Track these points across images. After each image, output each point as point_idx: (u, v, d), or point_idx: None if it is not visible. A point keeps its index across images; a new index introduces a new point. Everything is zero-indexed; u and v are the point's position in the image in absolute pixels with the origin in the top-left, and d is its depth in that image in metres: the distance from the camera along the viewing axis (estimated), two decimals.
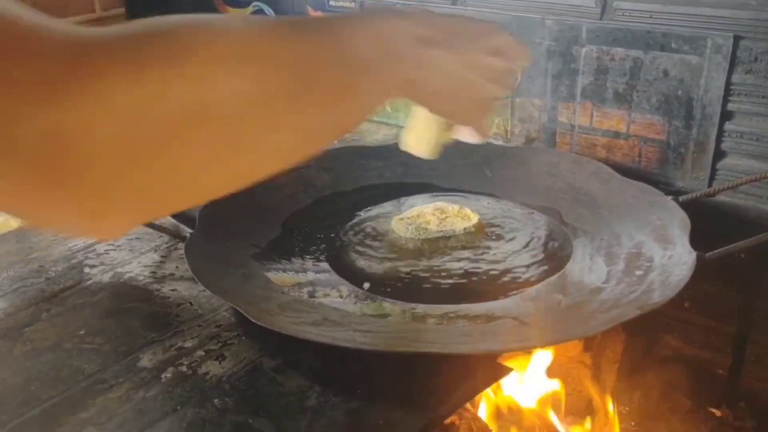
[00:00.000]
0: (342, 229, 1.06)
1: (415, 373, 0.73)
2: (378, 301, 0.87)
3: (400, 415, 0.69)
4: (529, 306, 0.85)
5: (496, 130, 1.33)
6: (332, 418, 0.69)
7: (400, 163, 1.22)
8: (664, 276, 0.83)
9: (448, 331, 0.80)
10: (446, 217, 1.06)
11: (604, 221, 1.01)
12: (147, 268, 0.97)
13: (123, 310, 0.88)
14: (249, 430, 0.68)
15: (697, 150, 1.09)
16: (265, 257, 0.96)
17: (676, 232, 0.91)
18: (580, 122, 1.20)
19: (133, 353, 0.79)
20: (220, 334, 0.83)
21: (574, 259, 0.95)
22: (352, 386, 0.73)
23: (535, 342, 0.79)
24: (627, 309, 0.77)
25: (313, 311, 0.84)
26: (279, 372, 0.76)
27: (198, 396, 0.72)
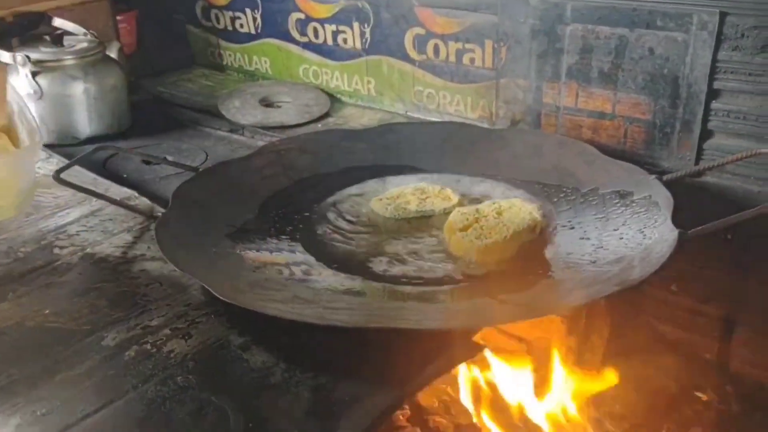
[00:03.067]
0: (320, 209, 1.04)
1: (385, 350, 0.71)
2: (351, 279, 0.84)
3: (368, 391, 0.67)
4: (508, 284, 0.83)
5: (481, 112, 1.30)
6: (297, 395, 0.67)
7: (383, 145, 1.20)
8: (645, 253, 0.81)
9: (420, 309, 0.78)
10: (427, 197, 1.03)
11: (588, 200, 0.99)
12: (118, 249, 0.95)
13: (90, 289, 0.86)
14: (211, 406, 0.66)
15: (684, 129, 1.07)
16: (239, 237, 0.94)
17: (659, 211, 0.89)
18: (565, 103, 1.18)
19: (97, 332, 0.77)
20: (188, 313, 0.80)
21: (556, 238, 0.92)
22: (320, 363, 0.71)
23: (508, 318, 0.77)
24: (606, 285, 0.74)
25: (284, 289, 0.82)
26: (245, 350, 0.73)
27: (161, 374, 0.70)
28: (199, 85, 1.65)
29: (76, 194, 1.07)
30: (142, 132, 1.41)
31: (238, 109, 1.43)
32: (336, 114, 1.45)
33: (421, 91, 1.37)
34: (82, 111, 1.33)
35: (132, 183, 1.17)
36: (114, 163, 1.28)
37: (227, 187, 1.04)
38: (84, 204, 1.06)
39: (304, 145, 1.18)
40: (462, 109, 1.33)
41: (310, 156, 1.15)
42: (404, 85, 1.40)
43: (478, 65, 1.27)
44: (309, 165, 1.14)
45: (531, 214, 0.93)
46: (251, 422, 0.63)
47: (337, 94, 1.52)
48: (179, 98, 1.57)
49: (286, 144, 1.18)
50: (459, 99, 1.33)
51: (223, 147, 1.35)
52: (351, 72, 1.47)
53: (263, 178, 1.09)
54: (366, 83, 1.46)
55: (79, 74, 1.32)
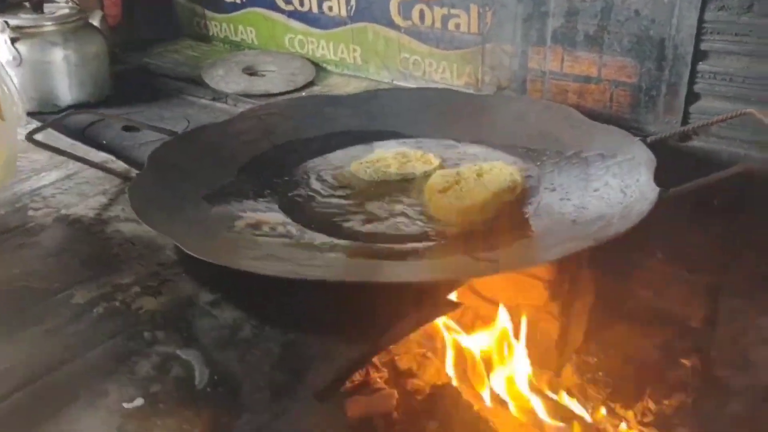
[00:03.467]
0: (300, 173, 1.03)
1: (356, 307, 0.70)
2: (328, 239, 0.83)
3: (337, 346, 0.66)
4: (485, 243, 0.81)
5: (467, 79, 1.29)
6: (266, 349, 0.66)
7: (366, 111, 1.18)
8: (625, 211, 0.79)
9: (394, 266, 0.76)
10: (408, 161, 1.02)
11: (571, 163, 0.98)
12: (93, 211, 0.93)
13: (62, 250, 0.85)
14: (176, 360, 0.64)
15: (670, 92, 1.05)
16: (215, 199, 0.93)
17: (641, 171, 0.87)
18: (551, 68, 1.16)
19: (67, 290, 0.76)
20: (160, 272, 0.79)
21: (537, 199, 0.91)
22: (291, 320, 0.70)
23: (478, 273, 0.76)
24: (581, 242, 0.73)
25: (258, 248, 0.80)
26: (215, 306, 0.72)
27: (128, 330, 0.69)
28: (184, 55, 1.63)
29: (53, 158, 1.05)
30: (124, 101, 1.39)
31: (222, 77, 1.41)
32: (321, 83, 1.44)
33: (407, 58, 1.36)
34: (63, 78, 1.31)
35: (111, 149, 1.15)
36: (94, 130, 1.26)
37: (206, 151, 1.03)
38: (60, 168, 1.04)
39: (286, 110, 1.16)
40: (448, 76, 1.31)
41: (292, 121, 1.14)
42: (390, 53, 1.38)
43: (464, 30, 1.25)
44: (290, 130, 1.12)
45: (511, 175, 0.92)
46: (216, 375, 0.62)
47: (323, 63, 1.50)
48: (164, 69, 1.55)
49: (267, 109, 1.17)
50: (445, 66, 1.31)
51: (206, 115, 1.33)
52: (337, 40, 1.45)
53: (243, 143, 1.07)
54: (351, 51, 1.44)
55: (58, 41, 1.30)
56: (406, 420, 0.97)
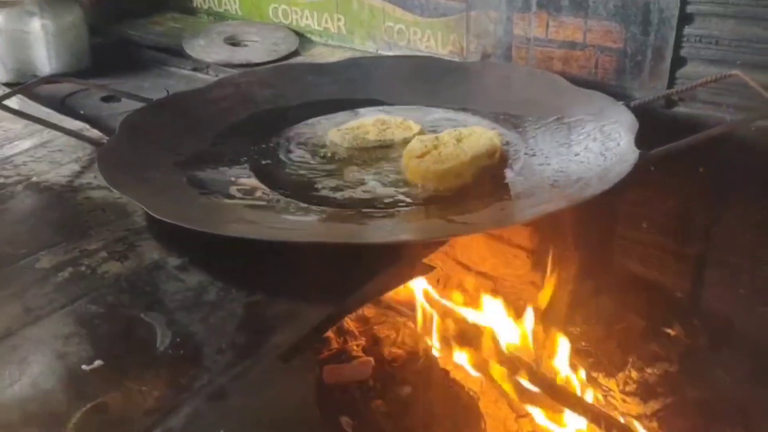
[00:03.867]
0: (277, 140, 1.01)
1: (325, 268, 0.68)
2: (301, 204, 0.81)
3: (303, 307, 0.64)
4: (461, 207, 0.80)
5: (451, 47, 1.26)
6: (231, 311, 0.64)
7: (347, 79, 1.16)
8: (603, 173, 0.78)
9: (364, 229, 0.75)
10: (387, 128, 1.00)
11: (553, 128, 0.96)
12: (64, 178, 0.92)
13: (31, 216, 0.83)
14: (139, 323, 0.63)
15: (655, 57, 1.03)
16: (188, 165, 0.91)
17: (623, 134, 0.85)
18: (536, 34, 1.14)
19: (33, 255, 0.75)
20: (128, 237, 0.78)
21: (517, 164, 0.89)
22: (257, 282, 0.68)
23: (446, 233, 0.74)
24: (556, 203, 0.71)
25: (229, 212, 0.79)
26: (182, 270, 0.71)
27: (92, 294, 0.68)
28: (167, 27, 1.61)
29: (27, 127, 1.04)
30: (104, 72, 1.37)
31: (203, 47, 1.39)
32: (305, 53, 1.41)
33: (392, 27, 1.33)
34: (41, 48, 1.29)
35: (89, 119, 1.13)
36: (73, 100, 1.24)
37: (181, 118, 1.01)
38: (34, 136, 1.03)
39: (266, 78, 1.14)
40: (433, 44, 1.29)
41: (271, 89, 1.12)
42: (374, 22, 1.35)
43: None
44: (270, 98, 1.11)
45: (490, 140, 0.90)
46: (179, 337, 0.61)
47: (307, 33, 1.47)
48: (146, 40, 1.53)
49: (246, 77, 1.14)
50: (429, 34, 1.28)
51: (186, 85, 1.31)
52: (321, 9, 1.43)
53: (221, 110, 1.06)
54: (336, 21, 1.41)
55: (35, 10, 1.27)
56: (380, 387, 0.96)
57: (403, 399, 0.94)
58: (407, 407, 0.93)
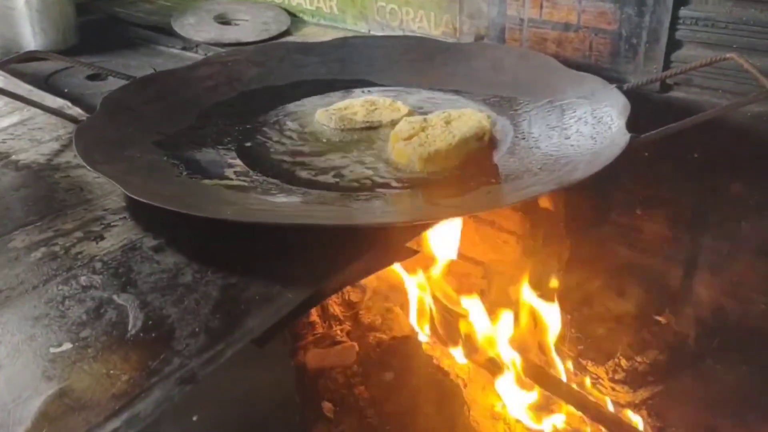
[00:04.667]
0: (263, 121, 0.98)
1: (303, 251, 0.67)
2: (283, 186, 0.79)
3: (279, 290, 0.62)
4: (447, 190, 0.78)
5: (444, 28, 1.24)
6: (205, 293, 0.62)
7: (337, 59, 1.14)
8: (593, 157, 0.76)
9: (351, 210, 0.73)
10: (375, 109, 0.98)
11: (544, 111, 0.94)
12: (43, 157, 0.90)
13: (6, 194, 0.81)
14: (110, 305, 0.61)
15: (650, 40, 1.01)
16: (169, 144, 0.89)
17: (614, 118, 0.83)
18: (530, 15, 1.11)
19: (6, 234, 0.73)
20: (105, 217, 0.76)
21: (506, 147, 0.87)
22: (234, 264, 0.66)
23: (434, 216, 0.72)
24: (545, 185, 0.69)
25: (209, 193, 0.77)
26: (158, 251, 0.69)
27: (64, 274, 0.66)
28: (157, 5, 1.58)
29: (8, 104, 1.02)
30: (91, 49, 1.34)
31: (192, 25, 1.36)
32: (297, 33, 1.39)
33: (384, 7, 1.30)
34: (25, 24, 1.27)
35: (72, 97, 1.11)
36: (58, 79, 1.22)
37: (165, 96, 0.99)
38: (14, 114, 1.00)
39: (253, 56, 1.11)
40: (425, 25, 1.26)
41: (259, 68, 1.09)
42: (367, 2, 1.33)
43: None
44: (256, 77, 1.08)
45: (480, 122, 0.87)
46: (151, 320, 0.59)
47: (299, 13, 1.45)
48: (134, 18, 1.50)
49: (233, 55, 1.12)
50: (422, 14, 1.26)
51: (173, 64, 1.28)
52: None
53: (206, 89, 1.03)
54: (328, 1, 1.39)
55: None
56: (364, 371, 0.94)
57: (387, 385, 0.93)
58: (390, 393, 0.91)
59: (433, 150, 0.83)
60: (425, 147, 0.83)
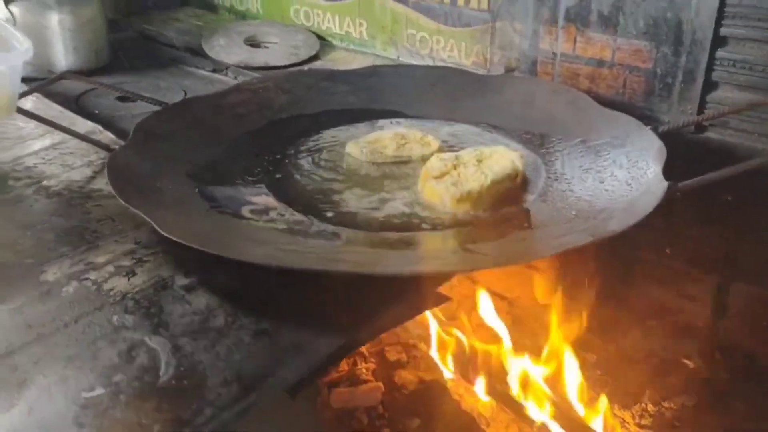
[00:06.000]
0: (292, 151, 0.98)
1: (334, 296, 0.66)
2: (313, 222, 0.79)
3: (311, 338, 0.62)
4: (479, 233, 0.77)
5: (475, 58, 1.23)
6: (237, 339, 0.62)
7: (366, 88, 1.14)
8: (629, 205, 0.75)
9: (382, 254, 0.72)
10: (406, 143, 0.97)
11: (577, 151, 0.93)
12: (75, 183, 0.90)
13: (39, 223, 0.81)
14: (142, 348, 0.61)
15: (686, 80, 1.00)
16: (200, 176, 0.88)
17: (650, 163, 0.82)
18: (563, 49, 1.11)
19: (38, 266, 0.73)
20: (136, 251, 0.76)
21: (539, 188, 0.86)
22: (266, 307, 0.66)
23: (469, 266, 0.71)
24: (579, 236, 0.68)
25: (240, 231, 0.76)
26: (190, 291, 0.69)
27: (96, 312, 0.66)
28: (188, 24, 1.59)
29: (39, 126, 1.02)
30: (121, 69, 1.35)
31: (223, 47, 1.37)
32: (325, 57, 1.39)
33: (414, 35, 1.30)
34: (58, 43, 1.28)
35: (103, 119, 1.11)
36: (88, 99, 1.23)
37: (196, 124, 0.99)
38: (46, 137, 1.01)
39: (283, 84, 1.11)
40: (456, 55, 1.26)
41: (288, 96, 1.09)
42: (396, 28, 1.32)
43: (474, 6, 1.20)
44: (286, 105, 1.08)
45: (512, 162, 0.87)
46: (183, 366, 0.59)
47: (328, 36, 1.45)
48: (165, 37, 1.51)
49: (263, 82, 1.12)
50: (453, 44, 1.25)
51: (203, 86, 1.29)
52: (343, 13, 1.40)
53: (236, 117, 1.03)
54: (358, 25, 1.39)
55: (53, 4, 1.26)
56: (389, 415, 0.93)
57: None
58: None
59: (466, 190, 0.82)
60: (457, 187, 0.83)
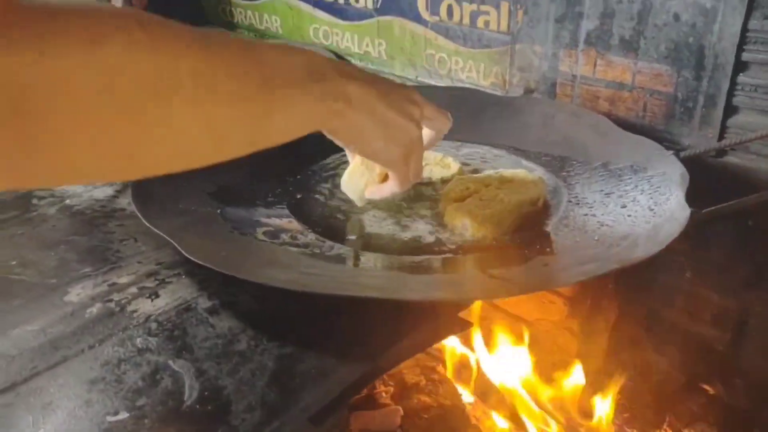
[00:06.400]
0: (313, 172, 0.99)
1: (358, 321, 0.66)
2: (335, 245, 0.79)
3: (334, 364, 0.62)
4: (501, 258, 0.77)
5: (493, 80, 1.24)
6: (260, 364, 0.62)
7: None
8: (652, 232, 0.74)
9: (401, 279, 0.72)
10: (426, 164, 0.97)
11: (598, 175, 0.93)
12: (98, 203, 0.91)
13: (62, 242, 0.82)
14: (166, 371, 0.61)
15: (707, 104, 0.99)
16: (222, 196, 0.89)
17: (672, 188, 0.82)
18: (583, 72, 1.10)
19: (62, 287, 0.73)
20: (159, 272, 0.76)
21: (560, 213, 0.86)
22: (289, 331, 0.66)
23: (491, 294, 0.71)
24: (603, 264, 0.68)
25: (260, 252, 0.77)
26: (213, 313, 0.69)
27: (120, 334, 0.66)
28: None
29: None
30: None
31: None
32: None
33: (433, 55, 1.31)
34: None
35: None
36: None
37: None
38: None
39: None
40: (474, 75, 1.26)
41: None
42: (416, 49, 1.33)
43: (493, 29, 1.20)
44: None
45: (534, 185, 0.87)
46: (207, 391, 0.59)
47: (347, 56, 1.46)
48: None
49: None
50: (471, 65, 1.26)
51: None
52: (362, 33, 1.41)
53: None
54: (377, 45, 1.40)
55: None
56: None
57: None
58: None
59: (488, 214, 0.82)
60: (478, 210, 0.83)
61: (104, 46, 0.38)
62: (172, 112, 0.43)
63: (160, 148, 0.45)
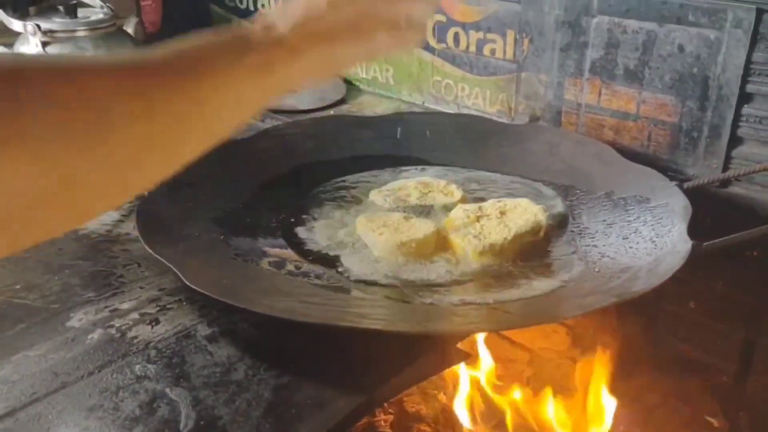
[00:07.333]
0: (315, 198, 0.99)
1: (356, 351, 0.66)
2: (334, 274, 0.79)
3: (332, 395, 0.62)
4: (502, 290, 0.77)
5: (499, 107, 1.24)
6: (257, 394, 0.62)
7: (391, 135, 1.15)
8: (653, 264, 0.74)
9: (399, 308, 0.72)
10: (429, 191, 0.98)
11: (601, 205, 0.93)
12: (103, 227, 0.91)
13: (66, 266, 0.83)
14: (164, 399, 0.61)
15: (711, 135, 1.00)
16: (226, 222, 0.90)
17: (675, 220, 0.82)
18: (588, 101, 1.11)
19: (64, 312, 0.74)
20: (161, 298, 0.76)
21: (562, 243, 0.86)
22: (287, 361, 0.66)
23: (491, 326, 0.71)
24: (604, 297, 0.68)
25: (261, 280, 0.77)
26: (211, 341, 0.69)
27: (119, 361, 0.66)
28: None
29: None
30: None
31: None
32: (351, 101, 1.41)
33: (440, 82, 1.32)
34: None
35: None
36: None
37: (223, 169, 0.99)
38: None
39: (309, 129, 1.13)
40: (480, 102, 1.27)
41: (314, 141, 1.11)
42: (423, 75, 1.34)
43: (499, 57, 1.21)
44: (312, 150, 1.09)
45: (536, 215, 0.87)
46: (203, 420, 0.59)
47: (355, 81, 1.47)
48: None
49: (291, 128, 1.14)
50: (478, 92, 1.27)
51: None
52: None
53: (263, 162, 1.05)
54: (384, 71, 1.41)
55: (89, 46, 1.29)
56: None
57: None
58: None
59: (488, 243, 0.82)
60: (480, 239, 0.83)
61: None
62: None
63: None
